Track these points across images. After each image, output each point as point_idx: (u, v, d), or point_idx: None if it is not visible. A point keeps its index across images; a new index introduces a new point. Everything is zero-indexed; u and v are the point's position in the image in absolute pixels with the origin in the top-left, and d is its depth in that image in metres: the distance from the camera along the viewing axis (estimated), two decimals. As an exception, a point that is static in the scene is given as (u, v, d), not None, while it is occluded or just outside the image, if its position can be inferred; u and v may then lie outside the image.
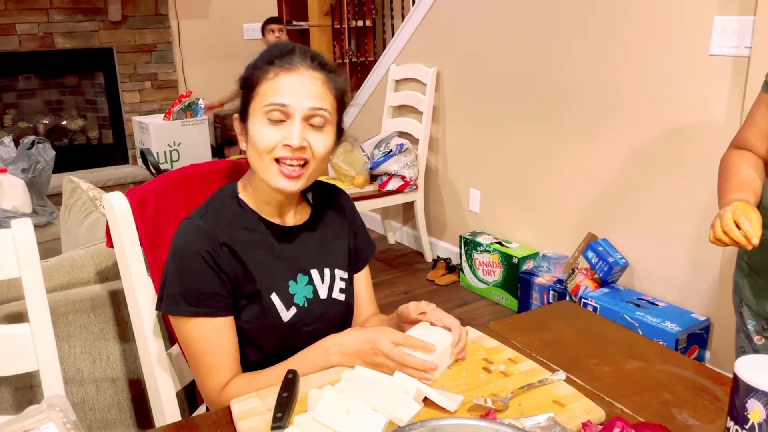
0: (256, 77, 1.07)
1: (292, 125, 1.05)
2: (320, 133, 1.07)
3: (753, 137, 1.29)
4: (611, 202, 2.54)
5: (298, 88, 1.05)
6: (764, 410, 0.75)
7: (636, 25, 2.31)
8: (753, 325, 1.33)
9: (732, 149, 1.34)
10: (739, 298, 1.36)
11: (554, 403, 0.94)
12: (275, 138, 1.05)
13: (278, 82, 1.05)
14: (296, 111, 1.05)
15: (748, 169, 1.27)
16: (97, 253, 1.31)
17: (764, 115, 1.26)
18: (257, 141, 1.06)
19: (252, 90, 1.08)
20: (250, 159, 1.09)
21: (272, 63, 1.07)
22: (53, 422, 0.67)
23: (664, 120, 2.28)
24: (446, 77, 3.23)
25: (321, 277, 1.18)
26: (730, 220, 1.09)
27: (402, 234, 3.76)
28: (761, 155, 1.29)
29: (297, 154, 1.05)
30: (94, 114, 4.53)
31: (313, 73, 1.07)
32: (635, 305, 2.36)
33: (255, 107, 1.07)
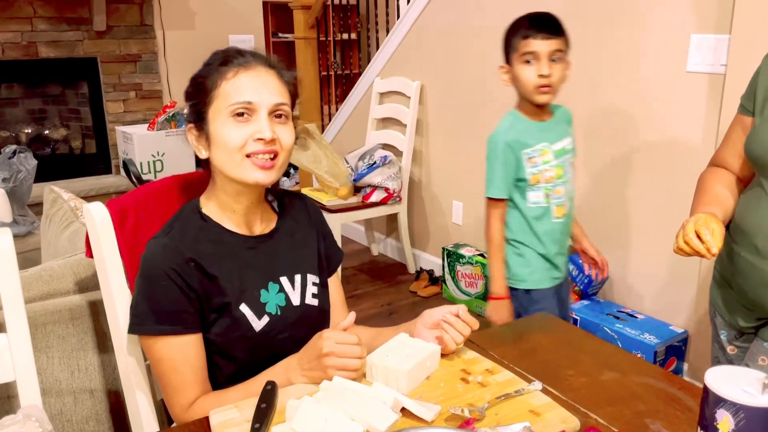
0: (212, 81, 1.09)
1: (260, 120, 1.07)
2: (285, 125, 1.11)
3: (728, 156, 1.34)
4: (592, 215, 2.57)
5: (259, 85, 1.08)
6: (733, 420, 0.77)
7: (615, 40, 2.36)
8: (725, 335, 1.35)
9: (709, 167, 1.40)
10: (714, 309, 1.39)
11: (530, 413, 0.95)
12: (244, 134, 1.06)
13: (239, 80, 1.08)
14: (261, 107, 1.07)
15: (720, 186, 1.32)
16: (76, 264, 1.31)
17: (740, 136, 1.30)
18: (227, 140, 1.07)
19: (208, 94, 1.09)
20: (218, 162, 1.09)
21: (227, 64, 1.09)
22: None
23: (644, 135, 2.32)
24: (430, 91, 3.27)
25: (292, 283, 1.18)
26: (691, 231, 1.14)
27: (385, 246, 3.77)
28: (736, 173, 1.33)
29: (268, 146, 1.07)
30: (78, 123, 4.51)
31: (269, 71, 1.11)
32: (615, 317, 2.38)
33: (217, 109, 1.08)
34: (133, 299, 1.09)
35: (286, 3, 4.49)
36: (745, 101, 1.31)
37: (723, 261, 1.35)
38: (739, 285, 1.27)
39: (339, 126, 3.99)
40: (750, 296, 1.25)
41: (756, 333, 1.29)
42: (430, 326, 1.13)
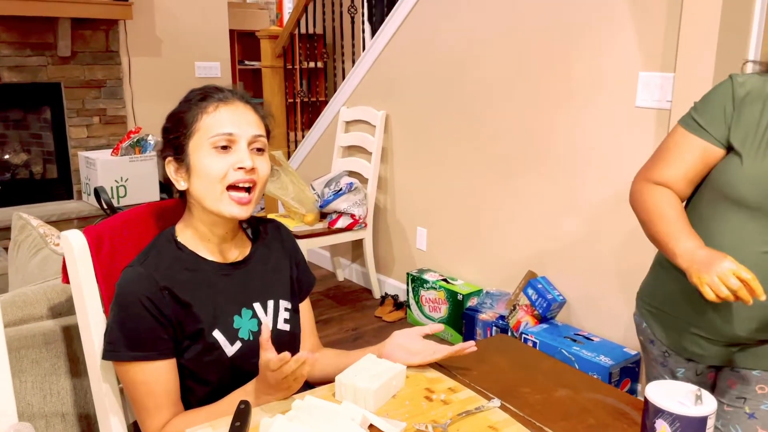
0: (192, 115, 1.15)
1: (240, 150, 1.13)
2: (262, 157, 1.17)
3: (679, 178, 1.29)
4: (549, 241, 2.68)
5: (238, 119, 1.15)
6: (670, 429, 0.85)
7: (571, 77, 2.49)
8: (683, 372, 1.36)
9: (649, 184, 1.33)
10: (666, 346, 1.38)
11: (489, 428, 1.02)
12: (225, 165, 1.12)
13: (219, 114, 1.14)
14: (241, 138, 1.13)
15: (682, 211, 1.27)
16: (50, 289, 1.33)
17: (696, 161, 1.26)
18: (208, 170, 1.12)
19: (189, 127, 1.15)
20: (198, 193, 1.14)
21: (206, 99, 1.16)
22: (20, 448, 0.70)
23: (595, 166, 2.45)
24: (395, 120, 3.36)
25: (264, 309, 1.23)
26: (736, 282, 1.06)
27: (351, 271, 3.82)
28: (680, 196, 1.30)
29: (249, 175, 1.13)
30: (39, 148, 4.46)
31: (246, 105, 1.18)
32: (572, 340, 2.48)
33: (198, 142, 1.13)
34: (107, 326, 1.12)
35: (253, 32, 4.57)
36: (710, 126, 1.24)
37: (670, 296, 1.34)
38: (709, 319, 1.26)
39: (305, 153, 4.05)
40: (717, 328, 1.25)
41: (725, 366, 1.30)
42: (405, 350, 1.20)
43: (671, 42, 2.14)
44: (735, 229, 1.22)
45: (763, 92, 1.21)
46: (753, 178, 1.19)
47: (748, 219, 1.20)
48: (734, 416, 1.28)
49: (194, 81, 4.73)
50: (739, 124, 1.21)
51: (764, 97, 1.20)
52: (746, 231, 1.21)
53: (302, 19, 4.02)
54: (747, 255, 1.17)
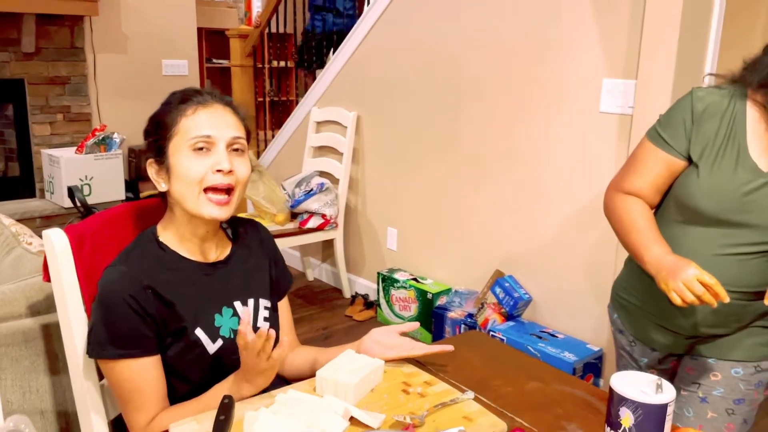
0: (171, 117, 1.17)
1: (218, 152, 1.15)
2: (241, 158, 1.19)
3: (647, 188, 1.36)
4: (516, 241, 2.76)
5: (217, 121, 1.17)
6: (632, 416, 0.91)
7: (537, 82, 2.57)
8: (646, 361, 1.47)
9: (620, 194, 1.40)
10: (631, 336, 1.48)
11: (464, 419, 1.07)
12: (203, 167, 1.14)
13: (198, 117, 1.16)
14: (219, 140, 1.15)
15: (651, 219, 1.35)
16: (28, 288, 1.33)
17: (661, 172, 1.34)
18: (187, 172, 1.14)
19: (169, 130, 1.16)
20: (177, 194, 1.16)
21: (186, 102, 1.18)
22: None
23: (560, 168, 2.53)
24: (366, 121, 3.40)
25: (245, 308, 1.26)
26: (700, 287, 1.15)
27: (321, 271, 3.85)
28: (649, 204, 1.39)
29: (227, 178, 1.15)
30: (1, 146, 4.37)
31: (225, 108, 1.20)
32: (538, 337, 2.55)
33: (177, 144, 1.15)
34: (90, 324, 1.14)
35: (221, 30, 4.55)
36: (671, 140, 1.31)
37: (639, 291, 1.43)
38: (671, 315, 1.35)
39: (275, 152, 4.06)
40: (680, 322, 1.34)
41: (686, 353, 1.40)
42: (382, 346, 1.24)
43: (633, 50, 2.23)
44: (693, 234, 1.31)
45: (721, 107, 1.28)
46: (707, 189, 1.27)
47: (705, 226, 1.29)
48: (688, 400, 1.37)
49: (161, 79, 4.68)
50: (698, 138, 1.29)
51: (722, 112, 1.28)
52: (703, 236, 1.30)
53: (272, 19, 4.03)
54: (702, 257, 1.25)
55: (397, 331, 1.28)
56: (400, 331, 1.29)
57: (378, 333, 1.28)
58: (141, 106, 4.48)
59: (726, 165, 1.26)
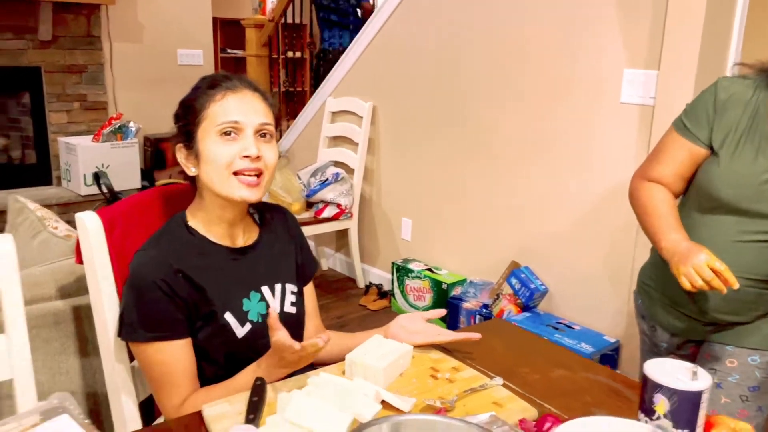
0: (201, 102, 1.17)
1: (246, 138, 1.16)
2: (269, 144, 1.20)
3: (671, 176, 1.39)
4: (532, 232, 2.76)
5: (246, 107, 1.17)
6: (668, 403, 0.91)
7: (556, 72, 2.56)
8: (666, 346, 1.49)
9: (644, 182, 1.43)
10: (650, 320, 1.52)
11: (494, 404, 1.07)
12: (232, 152, 1.15)
13: (227, 102, 1.16)
14: (248, 126, 1.16)
15: (673, 206, 1.38)
16: (58, 270, 1.35)
17: (685, 161, 1.36)
18: (215, 157, 1.15)
19: (198, 115, 1.17)
20: (206, 178, 1.17)
21: (215, 87, 1.18)
22: (67, 414, 0.73)
23: (580, 159, 2.53)
24: (382, 111, 3.40)
25: (272, 292, 1.27)
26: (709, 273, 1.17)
27: (335, 260, 3.86)
28: (673, 192, 1.41)
29: (254, 164, 1.15)
30: (18, 133, 4.39)
31: (254, 94, 1.20)
32: (554, 328, 2.55)
33: (206, 129, 1.16)
34: (122, 307, 1.15)
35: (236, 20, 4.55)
36: (694, 128, 1.34)
37: (659, 276, 1.45)
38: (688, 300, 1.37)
39: (290, 142, 4.07)
40: (697, 308, 1.36)
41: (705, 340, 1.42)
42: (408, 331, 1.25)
43: (656, 40, 2.22)
44: (713, 222, 1.34)
45: (744, 97, 1.30)
46: (727, 177, 1.30)
47: (724, 214, 1.32)
48: None
49: (176, 69, 4.69)
50: (720, 127, 1.31)
51: (745, 102, 1.30)
52: (722, 224, 1.32)
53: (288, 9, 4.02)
54: (720, 245, 1.28)
55: (422, 318, 1.29)
56: (426, 317, 1.29)
57: (404, 319, 1.29)
58: (156, 95, 4.54)
59: (746, 154, 1.28)
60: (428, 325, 1.28)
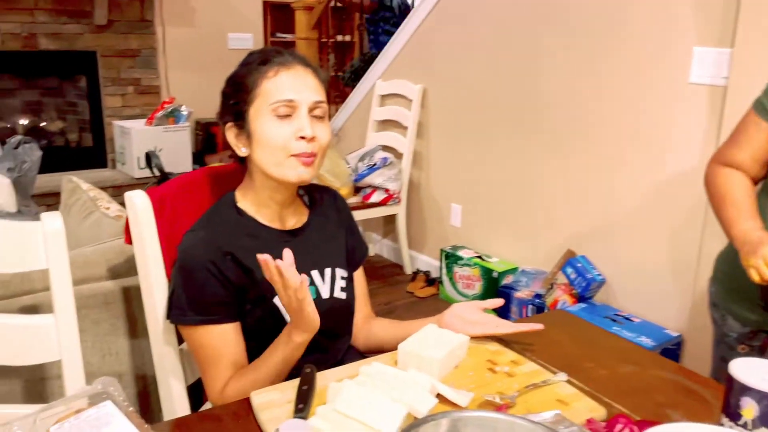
0: (252, 80, 1.12)
1: (301, 118, 1.10)
2: (323, 123, 1.14)
3: (748, 160, 1.33)
4: (590, 219, 2.64)
5: (300, 84, 1.11)
6: (757, 407, 0.82)
7: (621, 51, 2.43)
8: (736, 335, 1.41)
9: (721, 167, 1.37)
10: (722, 309, 1.44)
11: (558, 402, 1.00)
12: (286, 133, 1.10)
13: (280, 79, 1.10)
14: (302, 105, 1.10)
15: (746, 192, 1.30)
16: (108, 250, 1.34)
17: (761, 141, 1.31)
18: (270, 139, 1.10)
19: (250, 93, 1.12)
20: (260, 160, 1.12)
21: (267, 63, 1.12)
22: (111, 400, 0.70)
23: (644, 142, 2.39)
24: (432, 94, 3.32)
25: (322, 277, 1.22)
26: None
27: (382, 246, 3.81)
28: (750, 177, 1.34)
29: (309, 145, 1.10)
30: (75, 117, 4.49)
31: (306, 69, 1.14)
32: (612, 320, 2.45)
33: (258, 107, 1.11)
34: (171, 290, 1.12)
35: (287, 3, 4.52)
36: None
37: (732, 265, 1.37)
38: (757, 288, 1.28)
39: (339, 126, 4.03)
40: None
41: None
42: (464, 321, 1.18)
43: (730, 15, 2.07)
44: None
45: None
46: None
47: None
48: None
49: (227, 53, 4.71)
50: None
51: None
52: None
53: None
54: None
55: (479, 307, 1.22)
56: (483, 307, 1.22)
57: (460, 308, 1.22)
58: (207, 79, 4.56)
59: None
60: (485, 315, 1.21)
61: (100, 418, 0.67)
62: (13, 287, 1.19)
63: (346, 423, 0.87)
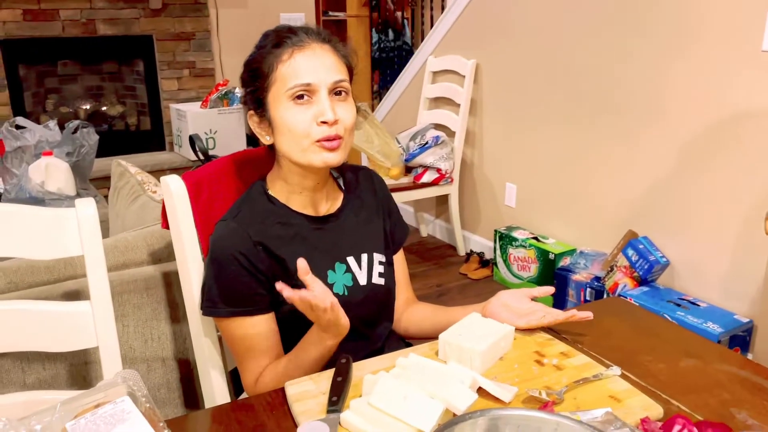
0: (267, 65, 1.06)
1: (321, 101, 1.04)
2: (345, 103, 1.08)
3: None
4: (653, 199, 2.50)
5: (317, 65, 1.05)
6: (836, 412, 0.73)
7: (686, 20, 2.26)
8: None
9: None
10: None
11: (610, 398, 0.93)
12: (307, 118, 1.04)
13: (295, 62, 1.05)
14: (321, 87, 1.04)
15: None
16: (149, 235, 1.33)
17: None
18: (291, 126, 1.05)
19: (266, 79, 1.07)
20: (284, 147, 1.08)
21: (280, 45, 1.06)
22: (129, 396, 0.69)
23: (711, 117, 2.24)
24: (485, 70, 3.21)
25: (358, 263, 1.18)
26: None
27: (434, 227, 3.75)
28: None
29: (332, 129, 1.04)
30: (133, 101, 4.59)
31: (323, 46, 1.07)
32: (676, 305, 2.32)
33: (276, 94, 1.06)
34: (204, 282, 1.10)
35: (339, -19, 4.46)
36: None
37: None
38: None
39: (390, 105, 3.97)
40: None
41: None
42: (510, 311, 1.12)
43: (812, -25, 1.89)
44: None
45: None
46: None
47: None
48: None
49: (279, 33, 4.69)
50: None
51: None
52: None
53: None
54: None
55: (528, 295, 1.15)
56: (532, 295, 1.15)
57: (507, 296, 1.15)
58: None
59: None
60: (534, 304, 1.14)
61: (116, 414, 0.65)
62: (57, 272, 1.21)
63: (380, 418, 0.83)
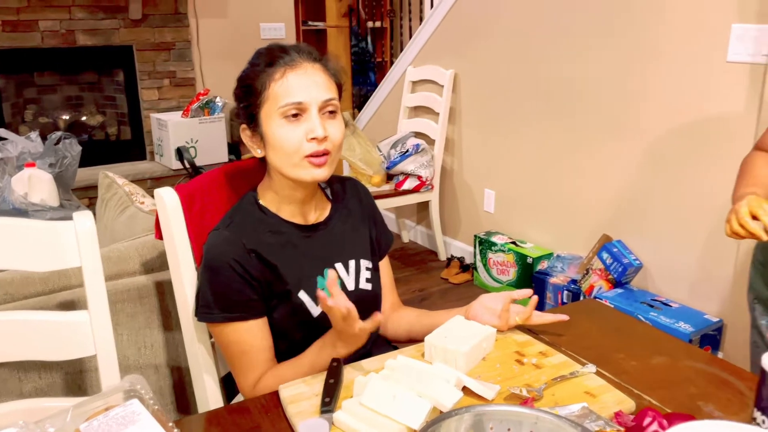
0: (260, 83, 1.11)
1: (311, 118, 1.09)
2: (334, 120, 1.13)
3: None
4: (626, 204, 2.59)
5: (308, 83, 1.10)
6: (790, 401, 0.80)
7: (654, 30, 2.36)
8: (765, 324, 1.37)
9: (753, 151, 1.39)
10: (753, 295, 1.41)
11: (586, 394, 0.99)
12: (298, 135, 1.09)
13: (287, 81, 1.09)
14: (312, 105, 1.09)
15: (764, 167, 1.31)
16: (141, 245, 1.37)
17: None
18: (283, 142, 1.10)
19: (259, 96, 1.11)
20: (276, 161, 1.13)
21: (273, 64, 1.11)
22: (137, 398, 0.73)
23: (680, 124, 2.33)
24: (463, 79, 3.28)
25: (346, 269, 1.23)
26: (746, 213, 1.14)
27: (416, 233, 3.81)
28: None
29: (322, 145, 1.10)
30: (113, 110, 4.59)
31: (314, 65, 1.12)
32: (649, 306, 2.40)
33: (268, 111, 1.11)
34: (198, 288, 1.15)
35: (318, -9, 4.51)
36: None
37: (762, 249, 1.36)
38: None
39: (371, 114, 4.02)
40: None
41: None
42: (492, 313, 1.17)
43: (772, -10, 1.99)
44: None
45: None
46: None
47: None
48: None
49: (260, 43, 4.66)
50: None
51: None
52: None
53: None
54: None
55: (509, 298, 1.21)
56: (513, 297, 1.21)
57: (488, 299, 1.21)
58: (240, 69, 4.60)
59: None
60: (514, 306, 1.20)
61: (127, 416, 0.69)
62: (52, 283, 1.24)
63: (372, 417, 0.88)
